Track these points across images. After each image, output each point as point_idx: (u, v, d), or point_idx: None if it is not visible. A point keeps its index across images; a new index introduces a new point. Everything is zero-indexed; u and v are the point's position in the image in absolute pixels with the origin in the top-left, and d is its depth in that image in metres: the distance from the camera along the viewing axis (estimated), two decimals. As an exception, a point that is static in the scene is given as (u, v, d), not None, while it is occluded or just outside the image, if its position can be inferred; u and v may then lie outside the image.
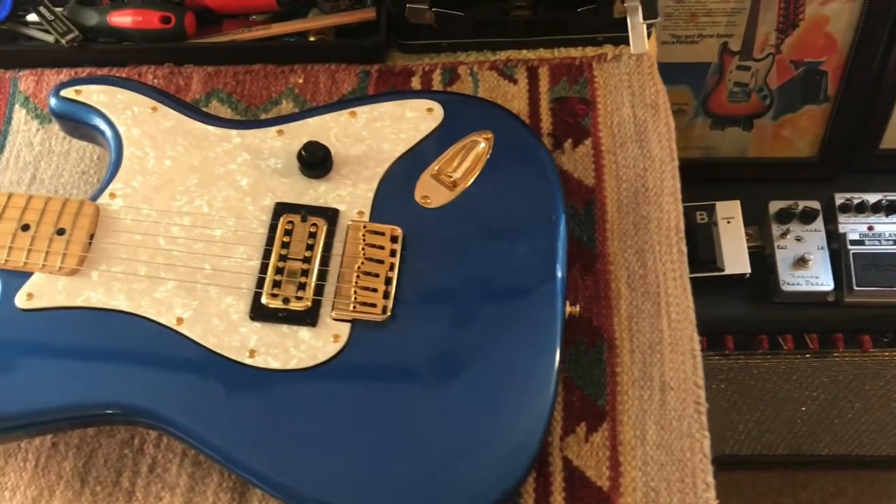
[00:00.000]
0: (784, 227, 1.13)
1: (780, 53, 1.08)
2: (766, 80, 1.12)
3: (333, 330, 0.64)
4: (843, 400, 1.31)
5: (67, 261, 0.66)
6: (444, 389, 0.63)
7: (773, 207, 1.14)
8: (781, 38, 1.07)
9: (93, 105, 0.72)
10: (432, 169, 0.71)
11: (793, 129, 1.17)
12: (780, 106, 1.14)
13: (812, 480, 1.63)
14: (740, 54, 1.09)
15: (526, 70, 0.83)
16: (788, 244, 1.13)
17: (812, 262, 1.11)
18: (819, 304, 1.12)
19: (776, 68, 1.10)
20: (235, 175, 0.70)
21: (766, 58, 1.09)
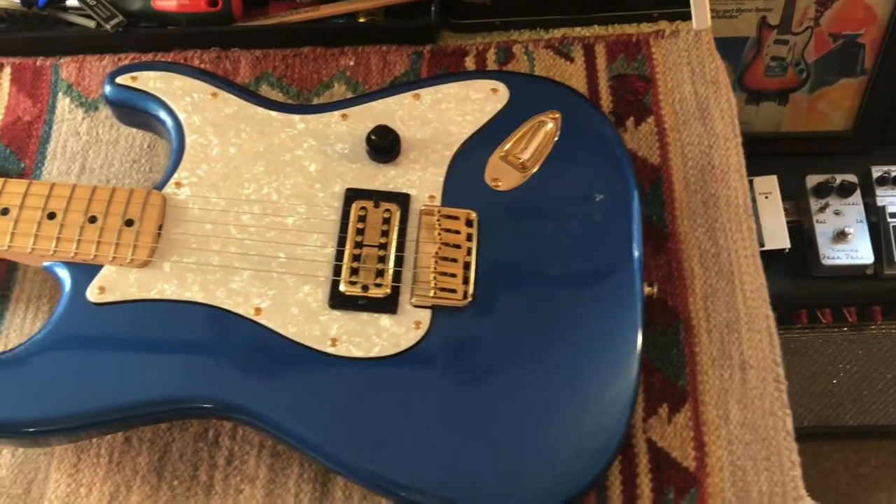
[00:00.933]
0: (822, 201, 1.13)
1: (819, 27, 1.08)
2: (804, 54, 1.11)
3: (414, 317, 0.63)
4: (875, 371, 1.31)
5: (138, 252, 0.64)
6: (529, 374, 0.62)
7: (810, 182, 1.14)
8: (821, 10, 1.06)
9: (150, 92, 0.70)
10: (501, 151, 0.70)
11: (828, 103, 1.17)
12: (816, 79, 1.14)
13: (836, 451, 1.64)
14: (779, 28, 1.08)
15: (582, 48, 0.82)
16: (827, 218, 1.12)
17: (852, 235, 1.11)
18: (858, 277, 1.13)
19: (814, 41, 1.09)
20: (303, 161, 0.69)
21: (804, 31, 1.08)
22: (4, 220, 0.65)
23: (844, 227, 1.11)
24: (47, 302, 0.74)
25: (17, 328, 0.73)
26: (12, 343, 0.72)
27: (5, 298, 0.74)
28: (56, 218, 0.65)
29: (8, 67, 0.85)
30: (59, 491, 0.66)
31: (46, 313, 0.73)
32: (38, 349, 0.62)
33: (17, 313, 0.73)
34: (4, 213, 0.65)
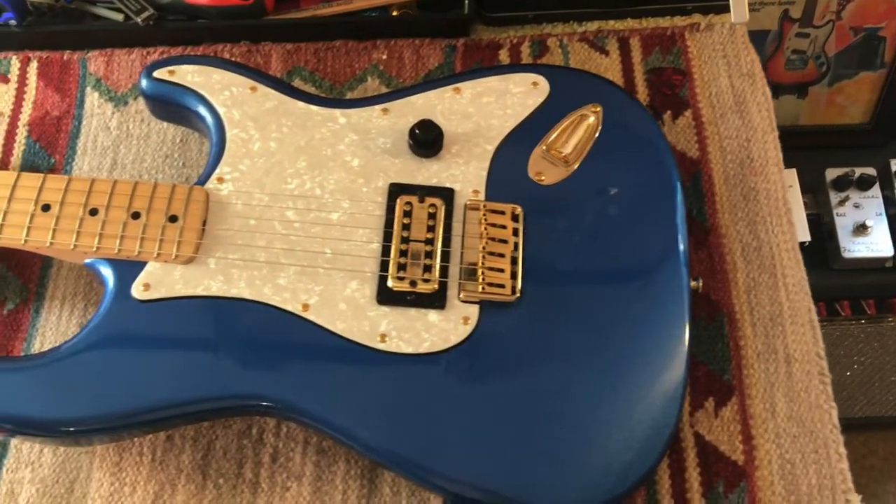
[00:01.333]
0: (842, 194, 1.13)
1: (840, 20, 1.08)
2: (824, 47, 1.11)
3: (462, 312, 0.63)
4: (889, 364, 1.32)
5: (183, 248, 0.63)
6: (579, 369, 0.62)
7: (829, 175, 1.14)
8: (843, 4, 1.06)
9: (189, 86, 0.70)
10: (543, 145, 0.69)
11: (847, 97, 1.17)
12: (835, 73, 1.14)
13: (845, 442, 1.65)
14: (800, 21, 1.08)
15: (617, 41, 0.82)
16: (847, 211, 1.13)
17: (871, 228, 1.11)
18: (877, 269, 1.13)
19: (835, 35, 1.10)
20: (345, 156, 0.68)
21: (825, 24, 1.08)
22: (46, 217, 0.64)
23: (864, 220, 1.11)
24: (82, 299, 0.73)
25: (52, 326, 0.72)
26: (49, 341, 0.71)
27: (40, 296, 0.73)
28: (98, 214, 0.64)
29: (34, 61, 0.83)
30: (103, 490, 0.65)
31: (82, 311, 0.72)
32: (82, 347, 0.61)
33: (52, 311, 0.72)
34: (45, 209, 0.64)
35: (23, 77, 0.83)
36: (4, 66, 0.83)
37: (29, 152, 0.80)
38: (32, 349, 0.71)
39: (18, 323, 0.72)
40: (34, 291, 0.73)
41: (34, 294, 0.73)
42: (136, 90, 0.82)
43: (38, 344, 0.71)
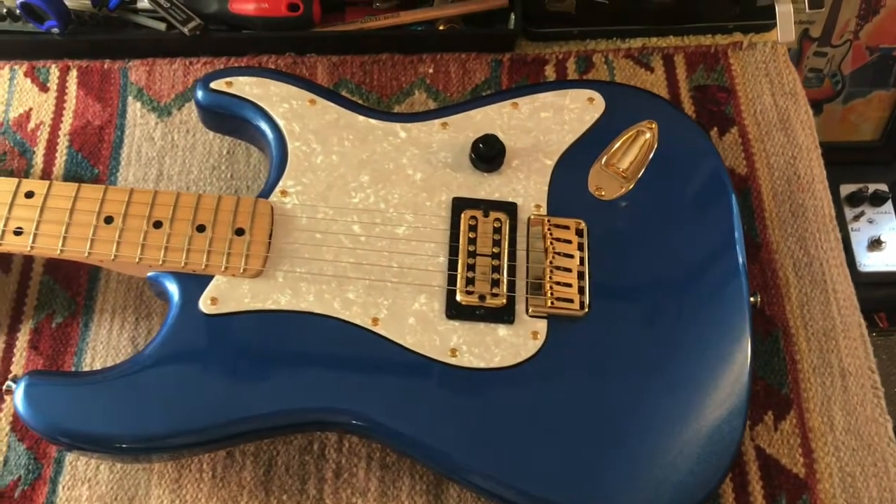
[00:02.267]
0: (856, 210, 1.16)
1: (858, 39, 1.10)
2: (840, 66, 1.14)
3: (531, 327, 0.63)
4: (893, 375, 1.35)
5: (251, 262, 0.63)
6: (646, 384, 0.62)
7: (843, 191, 1.17)
8: (861, 24, 1.09)
9: (248, 98, 0.69)
10: (601, 160, 0.70)
11: (859, 114, 1.20)
12: (850, 91, 1.17)
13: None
14: (819, 40, 1.11)
15: (661, 58, 0.83)
16: (861, 226, 1.15)
17: (886, 243, 1.14)
18: (891, 283, 1.16)
19: (851, 54, 1.12)
20: (407, 170, 0.68)
21: (843, 44, 1.11)
22: (109, 229, 0.63)
23: (879, 235, 1.14)
24: (133, 312, 0.71)
25: (103, 340, 0.70)
26: (100, 355, 0.70)
27: (89, 309, 0.72)
28: (162, 227, 0.63)
29: (74, 70, 0.82)
30: (163, 507, 0.64)
31: (133, 324, 0.71)
32: (150, 363, 0.60)
33: (102, 325, 0.71)
34: (108, 221, 0.63)
35: (62, 86, 0.82)
36: (43, 74, 0.82)
37: (71, 162, 0.78)
38: (83, 364, 0.70)
39: (67, 337, 0.71)
40: (82, 304, 0.72)
41: (82, 307, 0.72)
42: (180, 100, 0.81)
43: (90, 358, 0.70)
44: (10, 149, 0.79)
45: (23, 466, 0.66)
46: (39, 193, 0.63)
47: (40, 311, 0.72)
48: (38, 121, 0.80)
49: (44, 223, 0.62)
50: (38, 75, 0.82)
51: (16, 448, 0.66)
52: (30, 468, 0.66)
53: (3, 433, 0.67)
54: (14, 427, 0.67)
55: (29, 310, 0.72)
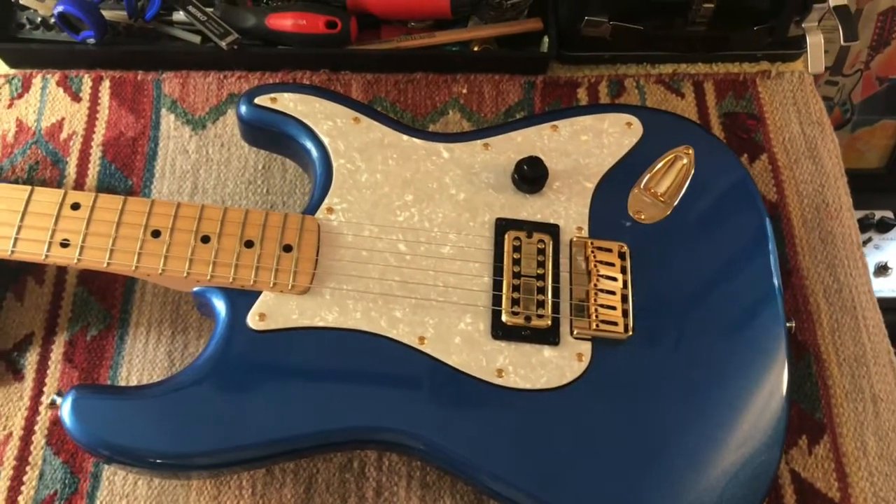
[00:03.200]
0: (863, 236, 1.18)
1: (868, 70, 1.13)
2: (850, 95, 1.16)
3: (576, 349, 0.64)
4: None
5: (299, 279, 0.63)
6: (688, 407, 0.63)
7: (850, 217, 1.19)
8: (872, 55, 1.11)
9: (292, 115, 0.69)
10: (640, 184, 0.71)
11: (866, 142, 1.22)
12: (858, 119, 1.19)
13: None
14: (831, 69, 1.13)
15: (692, 84, 0.84)
16: (868, 252, 1.18)
17: (893, 269, 1.16)
18: (895, 309, 1.18)
19: (861, 84, 1.15)
20: (450, 189, 0.69)
21: (854, 73, 1.14)
22: (156, 243, 0.62)
23: (886, 262, 1.16)
24: (169, 326, 0.71)
25: (139, 354, 0.70)
26: (136, 369, 0.69)
27: (124, 322, 0.71)
28: (210, 242, 0.63)
29: (107, 81, 0.82)
30: (202, 524, 0.64)
31: (169, 338, 0.71)
32: (198, 378, 0.60)
33: (138, 338, 0.70)
34: (155, 234, 0.63)
35: (95, 96, 0.81)
36: (76, 84, 0.82)
37: (105, 173, 0.78)
38: (119, 378, 0.69)
39: (102, 350, 0.70)
40: (117, 317, 0.71)
41: (118, 320, 0.71)
42: (214, 114, 0.81)
43: (125, 372, 0.69)
44: (43, 158, 0.78)
45: (59, 480, 0.65)
46: (86, 205, 0.63)
47: (75, 324, 0.71)
48: (71, 131, 0.79)
49: (90, 236, 0.62)
50: (70, 85, 0.82)
51: (51, 462, 0.65)
52: (66, 482, 0.65)
53: (39, 446, 0.66)
54: (49, 440, 0.66)
55: (63, 322, 0.71)
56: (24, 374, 0.69)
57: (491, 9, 0.83)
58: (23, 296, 0.72)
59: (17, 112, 0.80)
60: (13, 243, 0.61)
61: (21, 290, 0.72)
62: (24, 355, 0.69)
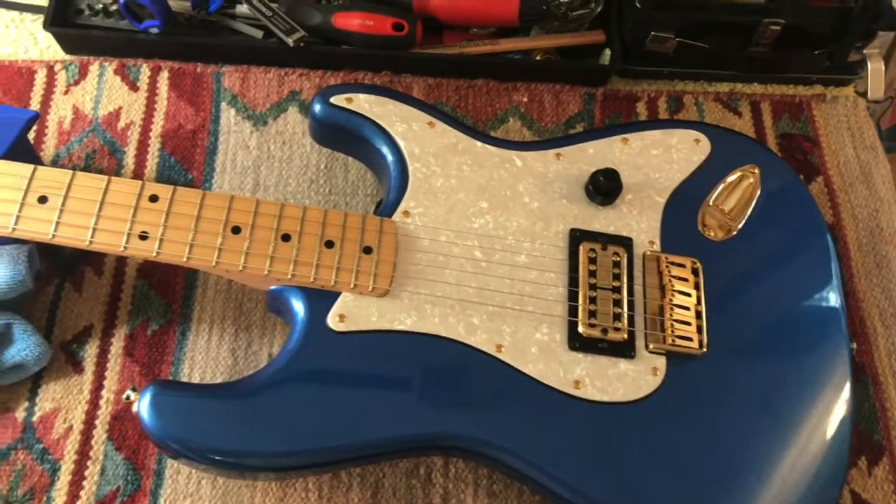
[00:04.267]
0: (885, 260, 1.20)
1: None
2: (879, 121, 1.18)
3: (651, 363, 0.64)
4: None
5: (379, 281, 0.62)
6: (758, 425, 0.63)
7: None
8: (904, 82, 1.13)
9: (368, 116, 0.69)
10: (708, 200, 0.71)
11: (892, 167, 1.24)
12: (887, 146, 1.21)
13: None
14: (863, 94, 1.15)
15: (749, 104, 0.85)
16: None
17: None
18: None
19: (892, 110, 1.17)
20: (524, 198, 0.68)
21: (886, 100, 1.15)
22: (237, 239, 0.61)
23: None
24: (232, 324, 0.70)
25: (202, 350, 0.69)
26: (199, 366, 0.68)
27: (186, 318, 0.70)
28: (291, 240, 0.62)
29: (166, 71, 0.81)
30: (268, 526, 0.63)
31: (232, 335, 0.70)
32: (278, 379, 0.59)
33: (200, 334, 0.69)
34: (235, 231, 0.62)
35: (153, 86, 0.80)
36: (133, 73, 0.80)
37: (164, 165, 0.76)
38: (181, 374, 0.68)
39: (163, 345, 0.69)
40: (179, 312, 0.70)
41: (179, 315, 0.70)
42: (275, 110, 0.80)
43: (188, 368, 0.68)
44: (100, 147, 0.77)
45: (121, 477, 0.64)
46: (164, 198, 0.62)
47: (135, 317, 0.70)
48: (129, 120, 0.78)
49: (170, 229, 0.61)
50: (128, 73, 0.80)
51: (113, 457, 0.64)
52: (129, 479, 0.63)
53: (100, 441, 0.65)
54: (111, 435, 0.65)
55: (123, 314, 0.70)
56: (83, 366, 0.67)
57: (555, 19, 0.83)
58: (81, 286, 0.70)
59: (73, 99, 0.79)
60: (91, 234, 0.60)
61: (79, 280, 0.70)
62: (84, 347, 0.68)
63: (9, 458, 0.63)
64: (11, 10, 0.84)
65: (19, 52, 0.82)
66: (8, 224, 0.59)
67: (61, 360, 0.67)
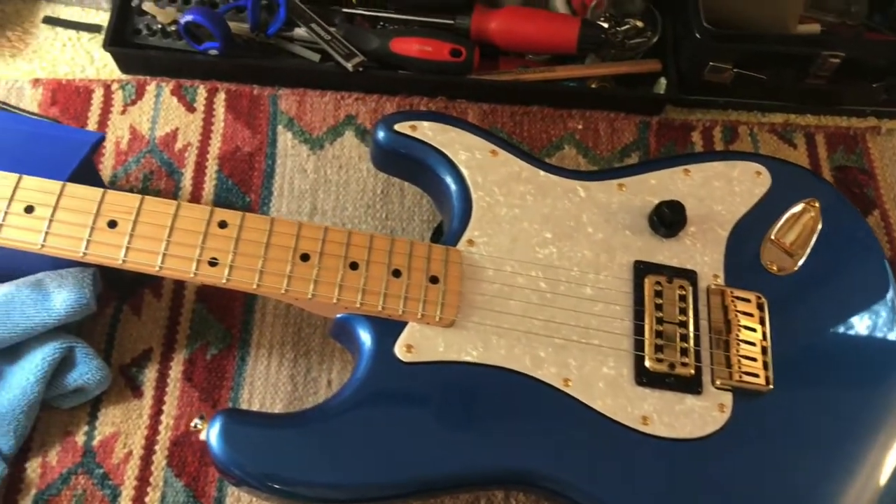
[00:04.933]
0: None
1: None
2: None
3: (718, 399, 0.63)
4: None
5: (446, 311, 0.62)
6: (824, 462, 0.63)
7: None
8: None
9: (432, 144, 0.68)
10: (770, 234, 0.71)
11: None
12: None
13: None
14: None
15: (804, 135, 0.85)
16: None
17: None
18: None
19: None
20: (588, 228, 0.68)
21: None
22: (306, 267, 0.61)
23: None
24: (291, 349, 0.70)
25: (261, 376, 0.68)
26: (258, 392, 0.68)
27: (245, 343, 0.70)
28: (359, 269, 0.62)
29: (222, 93, 0.81)
30: (329, 557, 0.62)
31: (292, 361, 0.69)
32: (347, 408, 0.58)
33: (259, 359, 0.69)
34: (304, 258, 0.61)
35: (210, 107, 0.80)
36: (190, 94, 0.80)
37: (221, 188, 0.76)
38: (241, 400, 0.67)
39: (223, 370, 0.68)
40: (238, 337, 0.70)
41: (238, 340, 0.70)
42: (332, 134, 0.80)
43: (247, 394, 0.67)
44: (157, 168, 0.77)
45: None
46: (233, 224, 0.61)
47: (194, 341, 0.69)
48: (186, 141, 0.78)
49: (240, 256, 0.60)
50: (185, 94, 0.80)
51: (173, 484, 0.64)
52: (190, 506, 0.63)
53: (160, 467, 0.64)
54: (170, 462, 0.64)
55: (182, 338, 0.69)
56: (142, 390, 0.67)
57: (612, 47, 0.83)
58: (140, 309, 0.70)
59: (130, 119, 0.79)
60: (161, 259, 0.59)
61: (138, 303, 0.70)
62: (143, 371, 0.68)
63: (70, 483, 0.63)
64: (68, 30, 0.84)
65: (76, 70, 0.82)
66: (78, 249, 0.59)
67: (120, 383, 0.67)
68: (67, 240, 0.59)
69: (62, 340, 0.65)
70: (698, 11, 0.78)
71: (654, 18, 0.84)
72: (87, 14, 0.85)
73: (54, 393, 0.64)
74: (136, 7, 0.81)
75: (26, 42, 0.83)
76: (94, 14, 0.85)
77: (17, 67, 0.82)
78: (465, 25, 0.81)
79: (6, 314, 0.63)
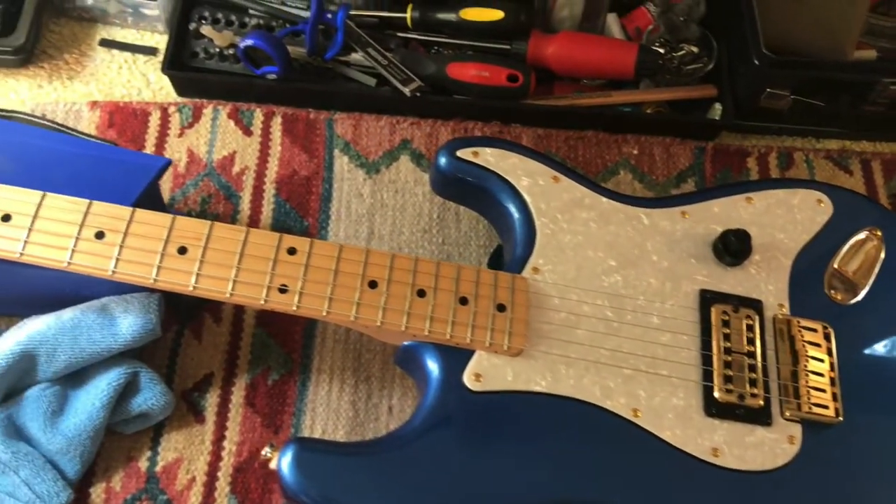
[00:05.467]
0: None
1: None
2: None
3: (788, 430, 0.62)
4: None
5: (514, 340, 0.61)
6: (895, 496, 0.62)
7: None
8: None
9: (494, 170, 0.68)
10: (833, 263, 0.70)
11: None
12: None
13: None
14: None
15: (860, 162, 0.84)
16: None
17: None
18: None
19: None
20: (652, 256, 0.68)
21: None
22: (374, 294, 0.61)
23: None
24: (352, 375, 0.69)
25: (322, 401, 0.68)
26: (320, 418, 0.67)
27: (305, 368, 0.69)
28: (426, 296, 0.62)
29: (279, 116, 0.81)
30: (394, 588, 0.62)
31: (353, 387, 0.69)
32: (417, 436, 0.58)
33: (320, 385, 0.69)
34: (372, 285, 0.61)
35: (266, 131, 0.80)
36: (247, 117, 0.81)
37: (279, 212, 0.76)
38: (303, 426, 0.67)
39: (284, 395, 0.68)
40: (298, 362, 0.70)
41: (298, 365, 0.70)
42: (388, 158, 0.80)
43: (309, 420, 0.67)
44: (216, 191, 0.77)
45: (246, 532, 0.63)
46: (302, 251, 0.61)
47: (255, 366, 0.69)
48: (243, 165, 0.78)
49: (309, 282, 0.60)
50: (241, 118, 0.81)
51: (237, 511, 0.63)
52: (254, 534, 0.63)
53: (223, 494, 0.64)
54: (234, 489, 0.64)
55: (243, 363, 0.69)
56: (204, 416, 0.67)
57: (667, 73, 0.83)
58: (200, 334, 0.70)
59: (187, 142, 0.79)
60: (232, 286, 0.59)
61: (199, 327, 0.70)
62: (205, 396, 0.67)
63: (134, 509, 0.63)
64: (125, 52, 0.85)
65: (132, 93, 0.83)
66: (149, 275, 0.59)
67: (182, 408, 0.67)
68: (138, 266, 0.59)
69: (127, 365, 0.65)
70: (757, 38, 0.78)
71: (710, 44, 0.84)
72: (143, 36, 0.86)
73: (118, 418, 0.64)
74: (194, 30, 0.81)
75: (83, 65, 0.84)
76: (149, 37, 0.86)
77: (74, 90, 0.82)
78: (522, 51, 0.81)
79: (73, 339, 0.63)
